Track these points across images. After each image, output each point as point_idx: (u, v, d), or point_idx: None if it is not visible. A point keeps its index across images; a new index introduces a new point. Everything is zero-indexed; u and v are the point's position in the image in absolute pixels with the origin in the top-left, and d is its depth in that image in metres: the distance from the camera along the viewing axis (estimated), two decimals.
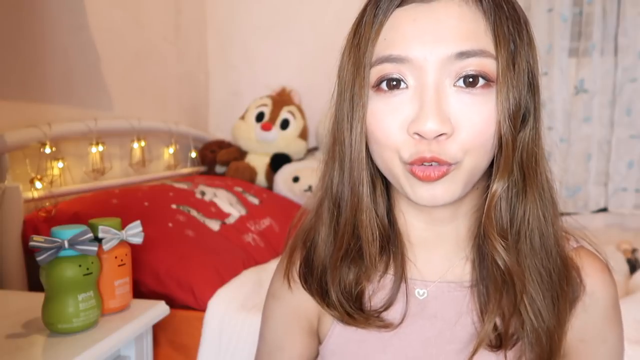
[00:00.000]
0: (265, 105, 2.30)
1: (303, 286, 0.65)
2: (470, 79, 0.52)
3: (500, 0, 0.53)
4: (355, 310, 0.61)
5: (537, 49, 0.56)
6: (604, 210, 2.33)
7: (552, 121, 2.30)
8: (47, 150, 1.46)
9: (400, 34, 0.53)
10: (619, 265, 1.78)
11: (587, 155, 2.30)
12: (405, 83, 0.53)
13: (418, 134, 0.51)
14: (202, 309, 1.33)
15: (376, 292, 0.62)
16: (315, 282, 0.63)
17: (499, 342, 0.56)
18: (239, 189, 1.95)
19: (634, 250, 1.94)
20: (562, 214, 0.61)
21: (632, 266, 1.80)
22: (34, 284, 1.36)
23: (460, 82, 0.52)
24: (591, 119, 2.28)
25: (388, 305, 0.61)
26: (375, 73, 0.54)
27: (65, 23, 1.62)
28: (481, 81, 0.52)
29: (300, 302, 0.66)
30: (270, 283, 0.71)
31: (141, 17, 2.06)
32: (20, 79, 1.46)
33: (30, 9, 1.48)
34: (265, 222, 1.82)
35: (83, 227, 0.91)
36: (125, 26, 1.95)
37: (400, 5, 0.53)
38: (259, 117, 2.28)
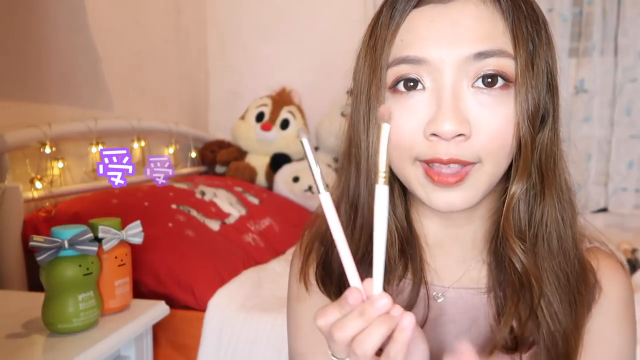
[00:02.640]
0: (265, 105, 2.30)
1: (320, 289, 0.63)
2: (489, 79, 0.51)
3: (518, 0, 0.53)
4: None
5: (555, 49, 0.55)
6: (604, 210, 2.33)
7: None
8: (47, 150, 1.46)
9: (417, 35, 0.52)
10: None
11: (587, 155, 2.30)
12: (422, 84, 0.52)
13: (435, 135, 0.50)
14: (202, 309, 1.33)
15: (395, 296, 0.60)
16: (334, 285, 0.62)
17: (515, 345, 0.55)
18: (239, 189, 1.95)
19: (634, 250, 1.94)
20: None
21: (632, 266, 1.79)
22: (34, 284, 1.36)
23: (479, 83, 0.51)
24: (591, 119, 2.28)
25: (407, 310, 0.60)
26: (391, 74, 0.53)
27: (65, 23, 1.62)
28: (500, 81, 0.51)
29: (320, 303, 0.63)
30: (288, 288, 0.70)
31: (141, 17, 2.05)
32: (20, 79, 1.46)
33: (30, 9, 1.48)
34: (265, 222, 1.82)
35: (83, 227, 0.91)
36: (125, 26, 1.95)
37: (416, 6, 0.53)
38: (259, 117, 2.28)
